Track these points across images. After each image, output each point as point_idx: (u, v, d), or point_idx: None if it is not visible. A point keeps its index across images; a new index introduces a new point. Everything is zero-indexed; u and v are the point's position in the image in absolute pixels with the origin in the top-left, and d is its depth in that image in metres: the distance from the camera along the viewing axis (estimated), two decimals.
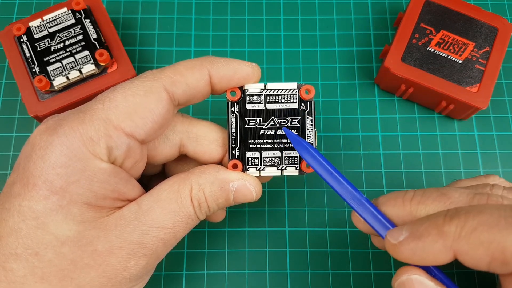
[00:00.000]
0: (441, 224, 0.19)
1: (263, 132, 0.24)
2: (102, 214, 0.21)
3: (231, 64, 0.23)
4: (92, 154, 0.21)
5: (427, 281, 0.20)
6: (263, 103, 0.24)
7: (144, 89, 0.22)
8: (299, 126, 0.24)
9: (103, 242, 0.21)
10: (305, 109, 0.24)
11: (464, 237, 0.18)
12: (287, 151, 0.24)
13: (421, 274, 0.20)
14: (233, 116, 0.24)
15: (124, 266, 0.21)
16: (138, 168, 0.24)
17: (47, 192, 0.20)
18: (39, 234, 0.20)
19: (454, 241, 0.18)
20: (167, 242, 0.22)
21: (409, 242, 0.19)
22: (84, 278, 0.20)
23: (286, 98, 0.24)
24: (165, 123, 0.23)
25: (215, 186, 0.23)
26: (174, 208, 0.22)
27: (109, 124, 0.21)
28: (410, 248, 0.19)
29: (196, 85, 0.23)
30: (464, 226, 0.18)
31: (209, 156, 0.25)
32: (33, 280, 0.20)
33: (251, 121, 0.24)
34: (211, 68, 0.23)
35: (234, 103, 0.24)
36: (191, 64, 0.23)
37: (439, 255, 0.18)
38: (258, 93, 0.24)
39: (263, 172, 0.24)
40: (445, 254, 0.18)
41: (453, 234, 0.18)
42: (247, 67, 0.24)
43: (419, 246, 0.19)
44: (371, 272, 0.31)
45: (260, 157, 0.24)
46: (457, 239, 0.18)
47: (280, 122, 0.24)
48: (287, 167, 0.24)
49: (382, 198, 0.23)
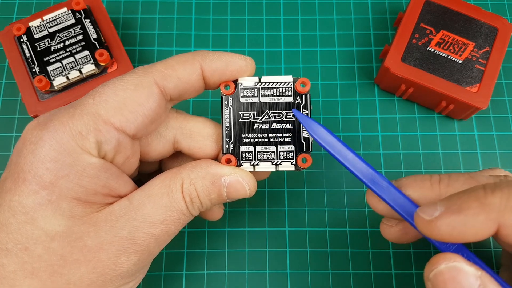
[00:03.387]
0: (483, 196, 0.18)
1: (257, 126, 0.24)
2: (92, 209, 0.21)
3: (223, 57, 0.23)
4: (82, 149, 0.20)
5: (468, 267, 0.18)
6: (257, 96, 0.24)
7: (134, 83, 0.22)
8: (294, 120, 0.23)
9: (93, 238, 0.20)
10: (300, 103, 0.23)
11: (511, 208, 0.17)
12: (282, 145, 0.24)
13: (460, 261, 0.18)
14: (227, 110, 0.24)
15: (114, 262, 0.21)
16: (131, 164, 0.23)
17: (36, 186, 0.20)
18: (29, 229, 0.20)
19: (499, 213, 0.17)
20: (159, 238, 0.22)
21: (447, 216, 0.18)
22: (74, 274, 0.20)
23: (281, 92, 0.23)
24: (157, 118, 0.23)
25: (207, 181, 0.23)
26: (165, 203, 0.22)
27: (98, 118, 0.21)
28: (448, 222, 0.18)
29: (188, 79, 0.23)
30: (509, 198, 0.17)
31: (204, 152, 0.25)
32: (23, 275, 0.20)
33: (245, 115, 0.24)
34: (203, 61, 0.23)
35: (228, 96, 0.24)
36: (182, 58, 0.23)
37: (482, 229, 0.17)
38: (252, 86, 0.24)
39: (258, 167, 0.24)
40: (489, 227, 0.17)
41: (498, 206, 0.17)
42: (240, 60, 0.23)
43: (459, 220, 0.18)
44: (371, 272, 0.31)
45: (254, 152, 0.24)
46: (503, 211, 0.17)
47: (274, 116, 0.24)
48: (282, 162, 0.23)
49: (405, 180, 0.22)
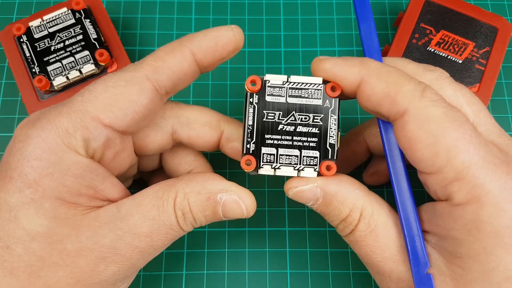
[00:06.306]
0: (366, 60, 0.22)
1: (282, 127, 0.22)
2: (76, 212, 0.21)
3: (210, 34, 0.22)
4: (68, 147, 0.20)
5: (305, 187, 0.22)
6: (284, 96, 0.23)
7: (125, 79, 0.21)
8: (321, 124, 0.22)
9: (73, 242, 0.20)
10: (329, 107, 0.22)
11: (377, 72, 0.21)
12: (306, 150, 0.22)
13: (300, 185, 0.22)
14: (251, 108, 0.22)
15: (92, 270, 0.20)
16: (122, 160, 0.23)
17: (21, 184, 0.20)
18: (11, 227, 0.20)
19: (367, 72, 0.21)
20: (143, 250, 0.21)
21: (335, 59, 0.22)
22: (52, 277, 0.20)
23: (309, 93, 0.22)
24: (150, 114, 0.22)
25: (202, 196, 0.22)
26: (153, 215, 0.21)
27: (86, 115, 0.20)
28: (333, 61, 0.22)
29: (180, 68, 0.22)
30: (383, 67, 0.21)
31: (203, 140, 0.25)
32: (2, 273, 0.19)
33: (270, 115, 0.22)
34: (192, 45, 0.22)
35: (253, 93, 0.22)
36: (170, 47, 0.22)
37: (349, 75, 0.21)
38: (280, 85, 0.23)
39: (278, 171, 0.22)
40: (355, 76, 0.21)
41: (370, 67, 0.21)
42: (227, 32, 0.23)
43: (340, 63, 0.22)
44: None
45: (276, 154, 0.22)
46: (370, 72, 0.21)
47: (301, 118, 0.23)
48: (305, 167, 0.22)
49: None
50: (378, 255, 0.22)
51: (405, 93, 0.20)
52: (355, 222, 0.22)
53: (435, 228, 0.21)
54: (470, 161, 0.19)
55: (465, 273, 0.20)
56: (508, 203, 0.19)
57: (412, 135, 0.20)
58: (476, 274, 0.19)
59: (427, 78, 0.22)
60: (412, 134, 0.20)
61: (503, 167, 0.19)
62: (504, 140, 0.22)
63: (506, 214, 0.19)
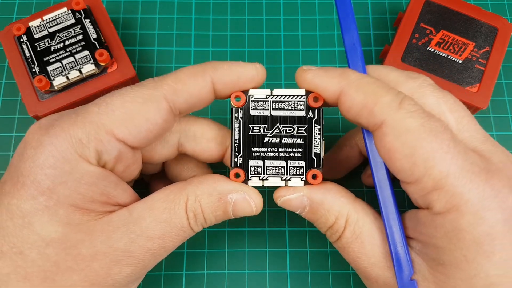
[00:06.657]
0: (346, 71, 0.22)
1: (267, 140, 0.23)
2: (90, 217, 0.21)
3: (234, 69, 0.23)
4: (80, 157, 0.20)
5: (292, 196, 0.23)
6: (268, 109, 0.23)
7: (143, 97, 0.21)
8: (306, 135, 0.23)
9: (88, 247, 0.20)
10: (312, 117, 0.23)
11: (356, 84, 0.21)
12: (292, 160, 0.23)
13: (288, 194, 0.23)
14: (237, 122, 0.23)
15: (107, 273, 0.21)
16: (132, 171, 0.23)
17: (35, 192, 0.20)
18: (25, 233, 0.20)
19: (346, 84, 0.21)
20: (155, 252, 0.22)
21: (317, 70, 0.22)
22: (66, 281, 0.20)
23: (293, 105, 0.23)
24: (162, 132, 0.23)
25: (213, 197, 0.22)
26: (165, 218, 0.22)
27: (101, 128, 0.21)
28: (314, 72, 0.22)
29: (198, 93, 0.22)
30: (363, 78, 0.22)
31: (209, 154, 0.25)
32: (16, 279, 0.20)
33: (255, 128, 0.23)
34: (214, 74, 0.22)
35: (238, 108, 0.23)
36: (193, 71, 0.22)
37: (329, 86, 0.22)
38: (263, 99, 0.23)
39: (266, 182, 0.23)
40: (334, 88, 0.22)
41: (350, 79, 0.22)
42: (252, 71, 0.23)
43: (321, 74, 0.22)
44: None
45: (263, 166, 0.23)
46: (349, 84, 0.21)
47: (286, 130, 0.23)
48: (292, 177, 0.23)
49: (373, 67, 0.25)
50: (364, 261, 0.22)
51: (382, 104, 0.20)
52: (341, 229, 0.23)
53: (418, 235, 0.21)
54: (448, 171, 0.19)
55: (448, 279, 0.20)
56: (487, 211, 0.19)
57: (390, 146, 0.20)
58: (458, 281, 0.20)
59: (409, 86, 0.23)
60: (390, 145, 0.20)
61: (482, 175, 0.19)
62: (487, 146, 0.22)
63: (485, 222, 0.19)
